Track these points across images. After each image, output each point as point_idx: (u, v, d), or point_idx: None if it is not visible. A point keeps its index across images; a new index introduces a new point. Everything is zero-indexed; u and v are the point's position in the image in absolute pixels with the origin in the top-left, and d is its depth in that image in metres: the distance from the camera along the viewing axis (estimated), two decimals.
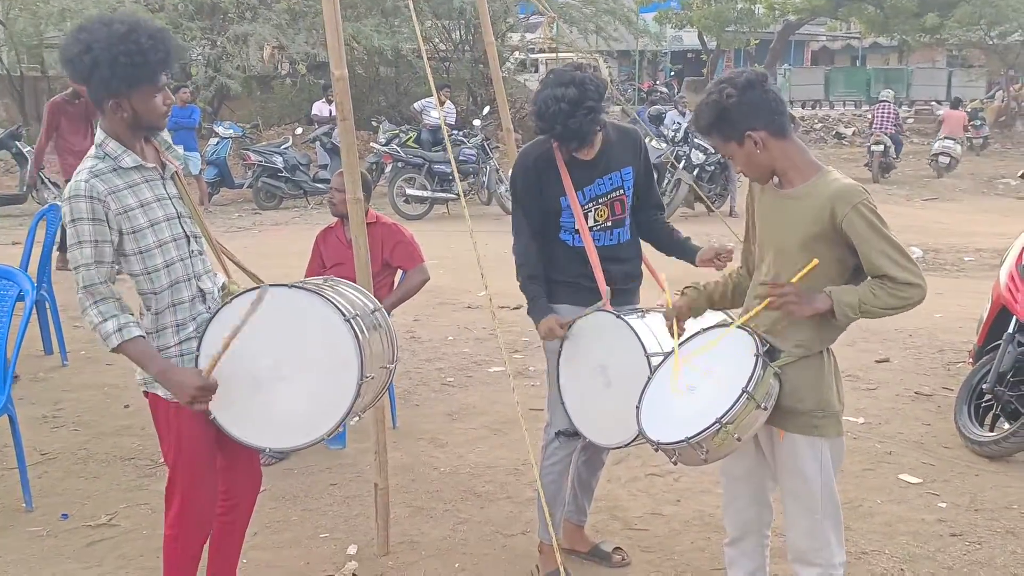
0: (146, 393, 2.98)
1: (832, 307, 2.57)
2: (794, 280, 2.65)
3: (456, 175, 3.96)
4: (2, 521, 4.32)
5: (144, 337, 2.82)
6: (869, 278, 2.60)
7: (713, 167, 14.06)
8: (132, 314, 2.83)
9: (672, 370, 2.88)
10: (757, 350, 2.65)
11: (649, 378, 2.95)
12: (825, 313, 2.61)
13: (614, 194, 3.54)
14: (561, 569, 3.20)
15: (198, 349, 2.89)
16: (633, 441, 3.20)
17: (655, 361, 3.06)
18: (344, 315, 2.83)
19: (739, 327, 2.77)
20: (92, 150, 2.84)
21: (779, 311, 2.66)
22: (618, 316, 3.30)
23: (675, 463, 2.76)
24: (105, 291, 2.78)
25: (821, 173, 2.68)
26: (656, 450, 2.81)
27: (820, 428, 2.70)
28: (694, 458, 2.67)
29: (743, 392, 2.56)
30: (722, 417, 2.57)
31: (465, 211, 3.78)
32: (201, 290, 2.98)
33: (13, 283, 4.55)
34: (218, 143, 15.73)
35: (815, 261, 2.63)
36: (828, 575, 2.79)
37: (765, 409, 2.61)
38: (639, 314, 3.37)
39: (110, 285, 2.80)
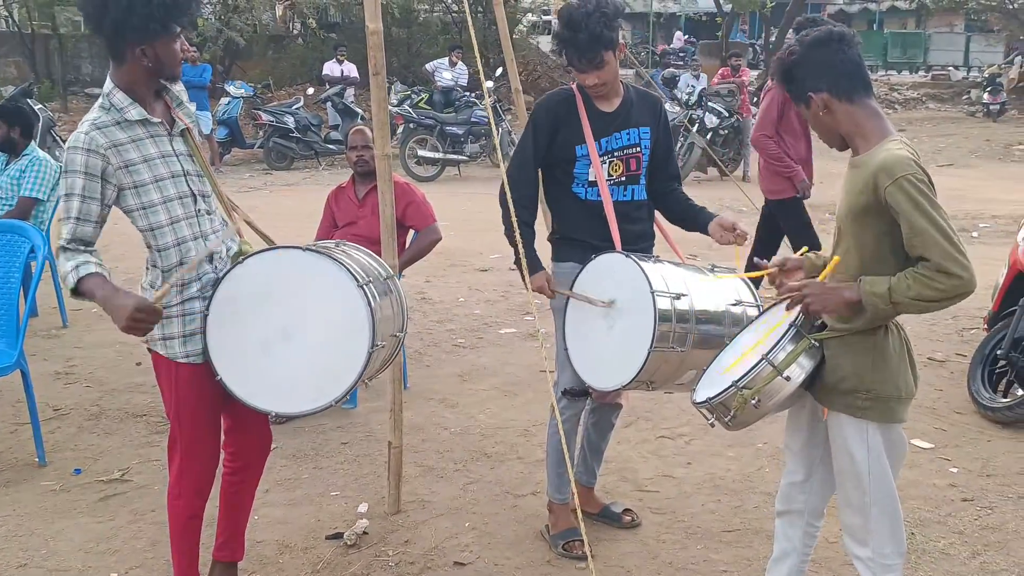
0: (149, 350, 2.97)
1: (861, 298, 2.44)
2: (820, 279, 2.57)
3: (493, 126, 3.90)
4: (16, 476, 4.35)
5: (100, 274, 2.71)
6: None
7: (727, 131, 13.95)
8: (93, 256, 2.74)
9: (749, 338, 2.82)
10: (794, 320, 2.59)
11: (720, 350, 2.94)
12: (857, 304, 2.47)
13: (630, 150, 3.51)
14: (580, 525, 3.18)
15: (207, 308, 2.86)
16: (629, 384, 3.18)
17: (660, 301, 3.05)
18: (357, 280, 2.79)
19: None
20: (98, 100, 2.82)
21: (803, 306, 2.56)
22: (627, 255, 3.28)
23: (712, 425, 2.72)
24: (80, 249, 2.73)
25: (884, 141, 2.50)
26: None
27: (865, 411, 2.57)
28: (723, 421, 2.64)
29: (762, 358, 2.52)
30: (738, 380, 2.54)
31: (501, 161, 3.73)
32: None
33: (25, 239, 4.55)
34: (229, 103, 15.68)
35: (836, 259, 2.55)
36: (879, 564, 2.64)
37: (788, 379, 2.53)
38: (653, 259, 3.34)
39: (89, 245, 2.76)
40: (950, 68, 31.75)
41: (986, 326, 5.55)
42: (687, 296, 3.16)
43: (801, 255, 2.88)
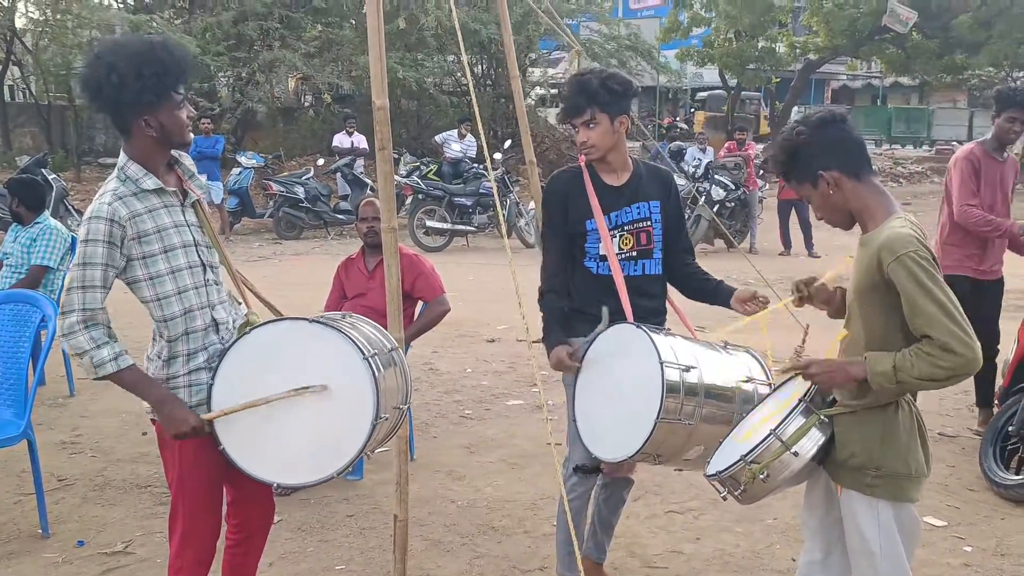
0: (153, 420, 2.96)
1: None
2: (827, 355, 2.61)
3: (498, 203, 3.97)
4: (19, 547, 4.31)
5: (136, 365, 2.81)
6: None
7: (733, 203, 14.06)
8: (121, 343, 2.81)
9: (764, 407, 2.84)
10: (804, 395, 2.61)
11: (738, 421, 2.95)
12: (863, 380, 2.49)
13: (640, 224, 3.53)
14: None
15: (212, 379, 2.87)
16: (635, 455, 3.16)
17: (669, 372, 3.04)
18: (363, 353, 2.80)
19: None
20: (114, 172, 2.86)
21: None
22: (637, 326, 3.27)
23: (724, 498, 2.72)
24: (101, 317, 2.77)
25: (890, 219, 2.55)
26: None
27: (875, 489, 2.56)
28: (734, 494, 2.63)
29: (771, 433, 2.53)
30: (747, 455, 2.54)
31: (506, 242, 3.76)
32: (215, 320, 2.96)
33: (36, 308, 4.57)
34: (240, 173, 15.85)
35: (844, 333, 2.59)
36: None
37: (797, 455, 2.53)
38: (664, 331, 3.33)
39: (106, 312, 2.79)
40: (954, 143, 32.02)
41: (997, 402, 5.51)
42: (697, 369, 3.15)
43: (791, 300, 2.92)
